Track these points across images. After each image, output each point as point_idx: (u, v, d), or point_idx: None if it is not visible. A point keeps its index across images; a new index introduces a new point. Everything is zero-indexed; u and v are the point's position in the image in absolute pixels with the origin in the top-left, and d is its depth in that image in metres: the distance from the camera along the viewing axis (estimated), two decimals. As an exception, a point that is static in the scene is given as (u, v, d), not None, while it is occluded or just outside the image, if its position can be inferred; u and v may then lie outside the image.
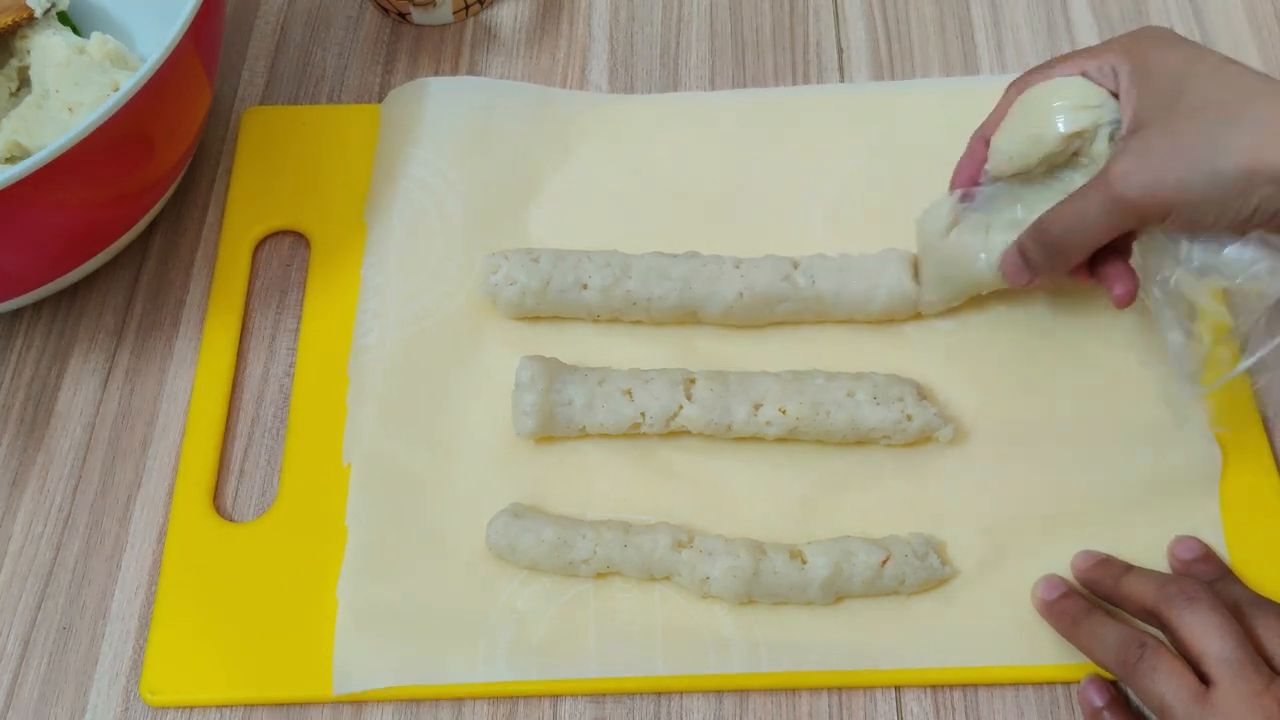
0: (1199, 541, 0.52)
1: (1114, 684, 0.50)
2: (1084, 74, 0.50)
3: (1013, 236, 0.52)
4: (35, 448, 0.59)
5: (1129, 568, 0.51)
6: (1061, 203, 0.49)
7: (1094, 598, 0.51)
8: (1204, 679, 0.45)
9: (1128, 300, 0.50)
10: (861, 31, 0.71)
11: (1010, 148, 0.52)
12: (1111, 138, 0.49)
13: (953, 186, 0.56)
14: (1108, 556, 0.52)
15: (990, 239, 0.53)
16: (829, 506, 0.55)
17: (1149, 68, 0.47)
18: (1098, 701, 0.49)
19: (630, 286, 0.57)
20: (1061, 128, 0.50)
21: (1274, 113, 0.43)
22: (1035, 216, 0.50)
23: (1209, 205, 0.44)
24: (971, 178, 0.55)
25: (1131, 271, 0.51)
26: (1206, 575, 0.51)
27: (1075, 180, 0.51)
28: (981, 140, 0.54)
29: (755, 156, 0.64)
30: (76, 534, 0.56)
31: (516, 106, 0.67)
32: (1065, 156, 0.51)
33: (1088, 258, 0.50)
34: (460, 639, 0.52)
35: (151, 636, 0.53)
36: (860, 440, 0.55)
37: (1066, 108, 0.50)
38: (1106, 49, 0.49)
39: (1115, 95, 0.49)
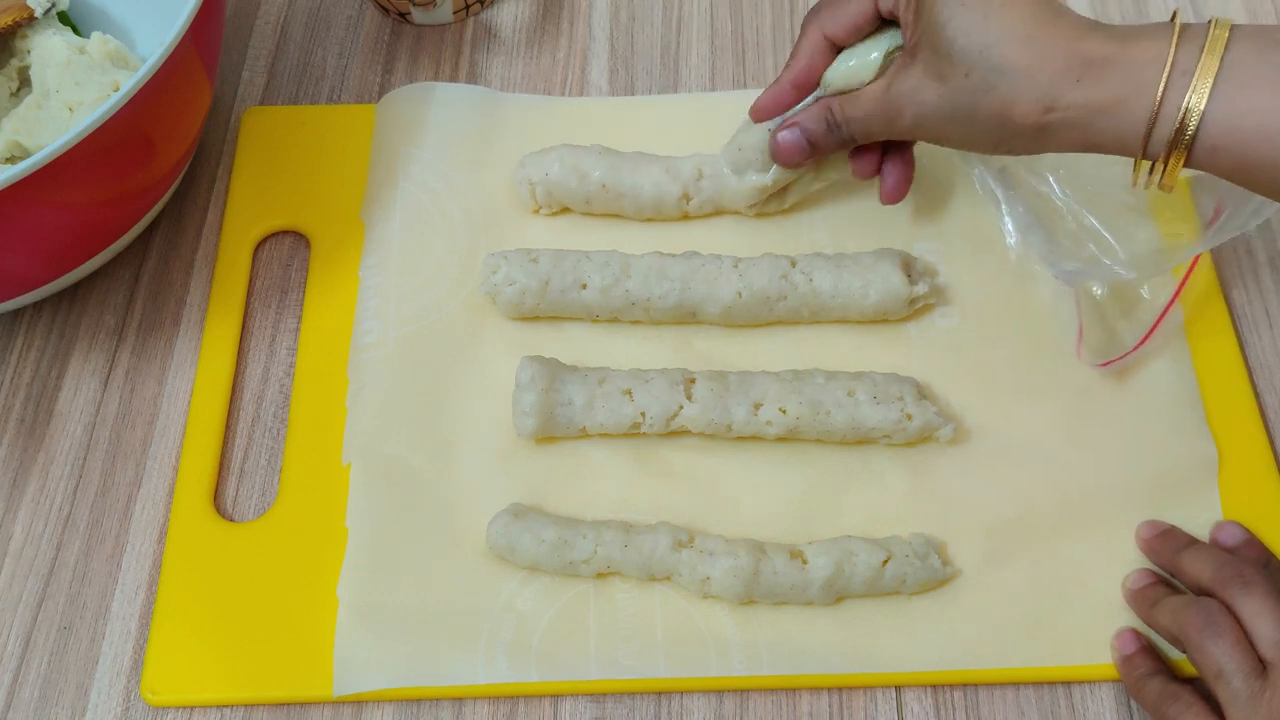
0: (1241, 528, 0.53)
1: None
2: (874, 2, 0.51)
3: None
4: (35, 448, 0.59)
5: (1191, 541, 0.51)
6: (849, 95, 0.53)
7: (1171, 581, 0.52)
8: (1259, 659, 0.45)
9: (893, 198, 0.57)
10: (861, 31, 0.70)
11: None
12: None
13: (757, 115, 0.57)
14: (1171, 527, 0.52)
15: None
16: (829, 506, 0.55)
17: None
18: (1129, 649, 0.50)
19: (630, 286, 0.57)
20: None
21: (1025, 63, 0.45)
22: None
23: (969, 140, 0.50)
24: (779, 109, 0.56)
25: (905, 169, 0.56)
26: (1252, 561, 0.51)
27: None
28: (791, 84, 0.55)
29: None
30: (77, 534, 0.56)
31: (518, 109, 0.67)
32: None
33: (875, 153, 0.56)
34: (460, 639, 0.52)
35: (152, 636, 0.53)
36: (860, 440, 0.55)
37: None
38: None
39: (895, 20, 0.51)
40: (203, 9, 0.53)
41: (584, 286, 0.58)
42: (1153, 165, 0.45)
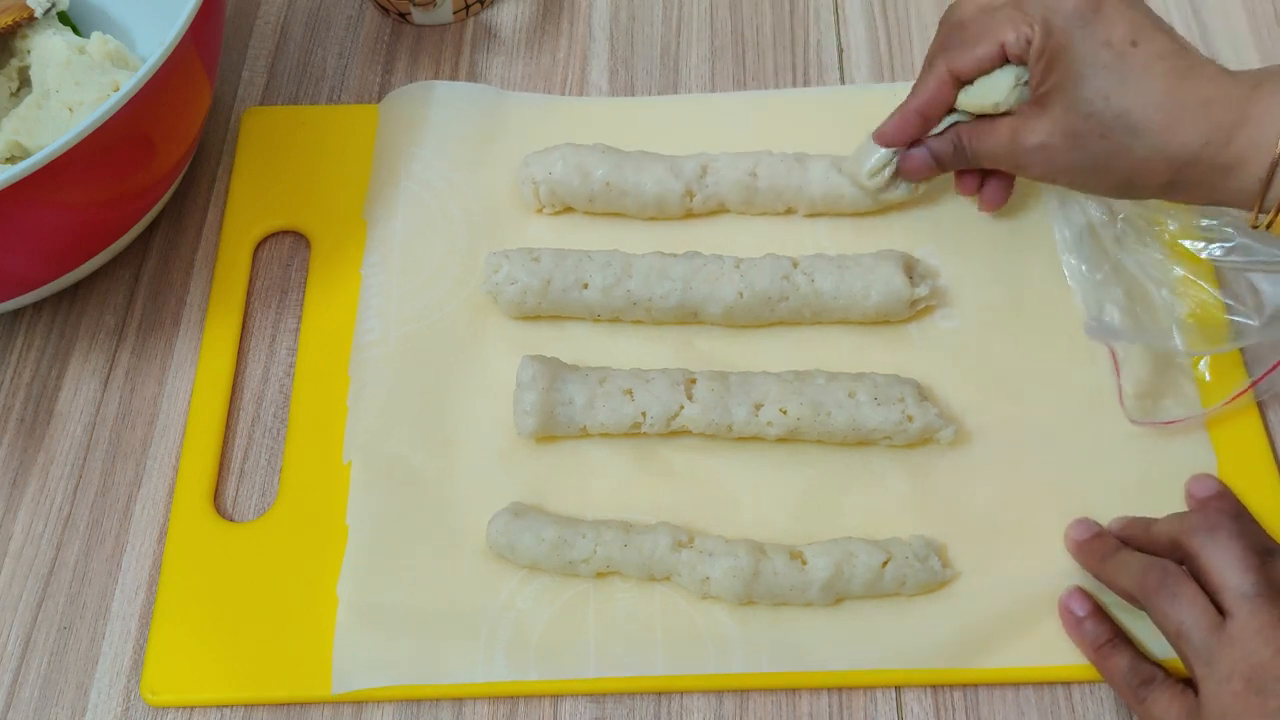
0: (1215, 479, 0.53)
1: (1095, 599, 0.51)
2: (1003, 45, 0.52)
3: None
4: (35, 448, 0.59)
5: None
6: (990, 128, 0.54)
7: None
8: (1221, 611, 0.45)
9: (992, 207, 0.60)
10: (861, 31, 0.71)
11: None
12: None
13: (884, 140, 0.58)
14: (1137, 517, 0.53)
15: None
16: (830, 507, 0.55)
17: (1059, 48, 0.49)
18: (1079, 611, 0.50)
19: (631, 286, 0.57)
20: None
21: (1161, 125, 0.47)
22: None
23: (1092, 188, 0.52)
24: (900, 143, 0.57)
25: (1008, 181, 0.59)
26: (1224, 511, 0.51)
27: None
28: (917, 113, 0.56)
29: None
30: (77, 534, 0.56)
31: (520, 108, 0.67)
32: None
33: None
34: (460, 638, 0.52)
35: (152, 636, 0.53)
36: (861, 441, 0.55)
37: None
38: (1025, 13, 0.51)
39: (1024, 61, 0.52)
40: (203, 9, 0.53)
41: (585, 286, 0.58)
42: (1263, 213, 0.47)
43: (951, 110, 0.55)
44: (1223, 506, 0.52)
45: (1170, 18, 0.69)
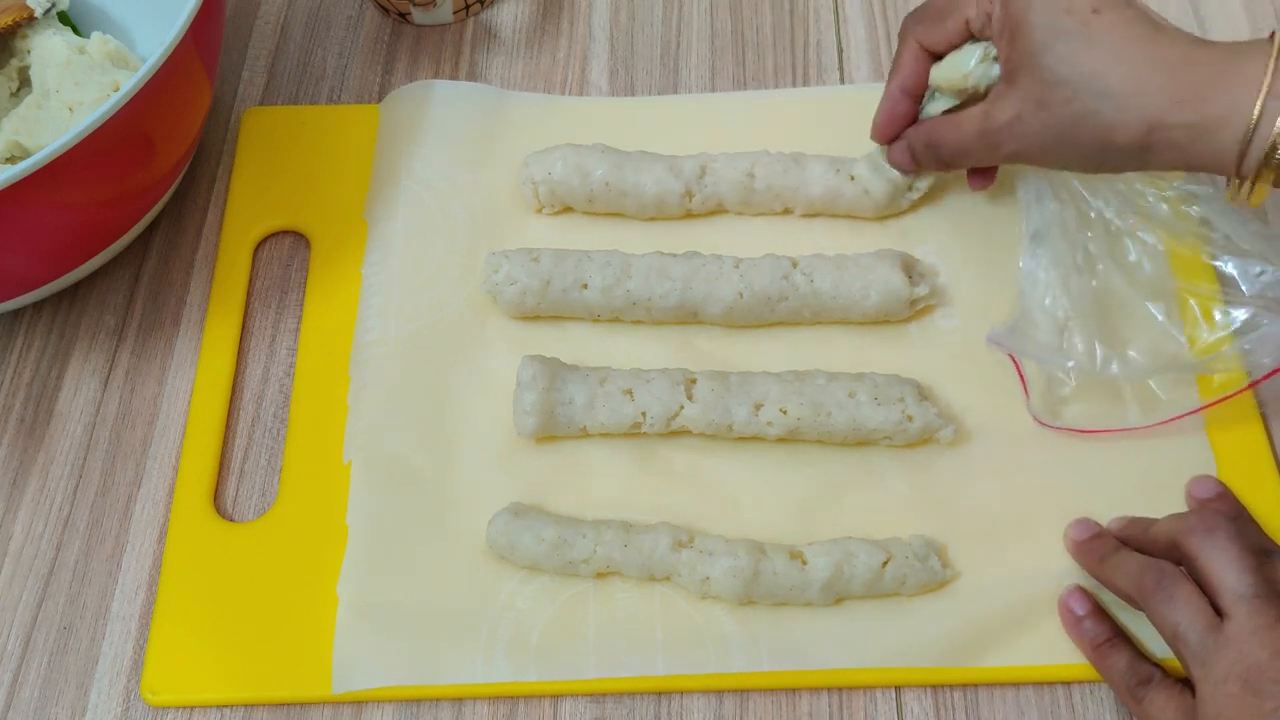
0: (1216, 481, 0.53)
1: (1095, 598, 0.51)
2: (966, 21, 0.52)
3: None
4: (35, 448, 0.59)
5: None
6: (955, 122, 0.53)
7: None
8: (1218, 612, 0.45)
9: (979, 187, 0.59)
10: (861, 31, 0.71)
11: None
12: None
13: (878, 136, 0.59)
14: (1137, 517, 0.52)
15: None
16: (830, 507, 0.55)
17: (1019, 20, 0.49)
18: (1079, 610, 0.50)
19: (631, 286, 0.57)
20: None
21: (1128, 87, 0.46)
22: None
23: (1067, 162, 0.51)
24: (895, 127, 0.58)
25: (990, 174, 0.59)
26: (1222, 513, 0.51)
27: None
28: (899, 90, 0.57)
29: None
30: (77, 534, 0.56)
31: (520, 108, 0.67)
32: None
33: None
34: (460, 638, 0.52)
35: (152, 636, 0.53)
36: (861, 441, 0.55)
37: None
38: None
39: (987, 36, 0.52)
40: (203, 9, 0.53)
41: (585, 286, 0.58)
42: (1242, 183, 0.46)
43: (933, 93, 0.56)
44: (1222, 508, 0.52)
45: (1169, 15, 0.69)
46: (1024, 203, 0.57)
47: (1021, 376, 0.56)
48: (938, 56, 0.55)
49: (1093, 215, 0.56)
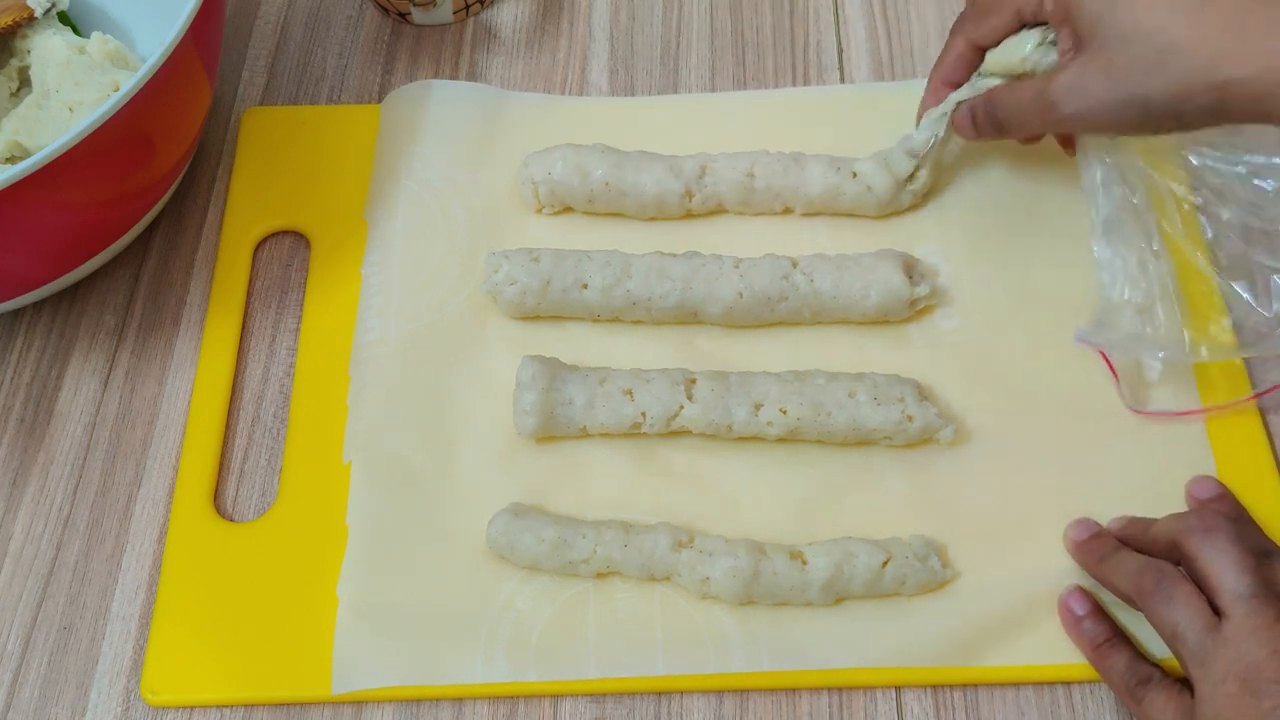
0: (1216, 481, 0.53)
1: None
2: (1018, 11, 0.53)
3: None
4: (35, 448, 0.59)
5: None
6: (1012, 87, 0.54)
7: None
8: (1217, 612, 0.45)
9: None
10: (861, 31, 0.71)
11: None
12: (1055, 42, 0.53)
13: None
14: (1137, 518, 0.52)
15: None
16: (830, 507, 0.55)
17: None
18: (1078, 610, 0.50)
19: (631, 286, 0.57)
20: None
21: (1195, 39, 0.46)
22: None
23: (1139, 126, 0.50)
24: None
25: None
26: (1221, 513, 0.51)
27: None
28: (941, 83, 0.58)
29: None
30: (77, 534, 0.56)
31: (520, 108, 0.67)
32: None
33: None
34: (460, 638, 0.52)
35: (151, 636, 0.53)
36: (861, 441, 0.55)
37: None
38: None
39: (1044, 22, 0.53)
40: (203, 9, 0.53)
41: (585, 286, 0.58)
42: None
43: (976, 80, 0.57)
44: (1222, 508, 0.52)
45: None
46: (1088, 192, 0.56)
47: (1112, 368, 0.56)
48: (983, 54, 0.56)
49: (1163, 194, 0.55)
